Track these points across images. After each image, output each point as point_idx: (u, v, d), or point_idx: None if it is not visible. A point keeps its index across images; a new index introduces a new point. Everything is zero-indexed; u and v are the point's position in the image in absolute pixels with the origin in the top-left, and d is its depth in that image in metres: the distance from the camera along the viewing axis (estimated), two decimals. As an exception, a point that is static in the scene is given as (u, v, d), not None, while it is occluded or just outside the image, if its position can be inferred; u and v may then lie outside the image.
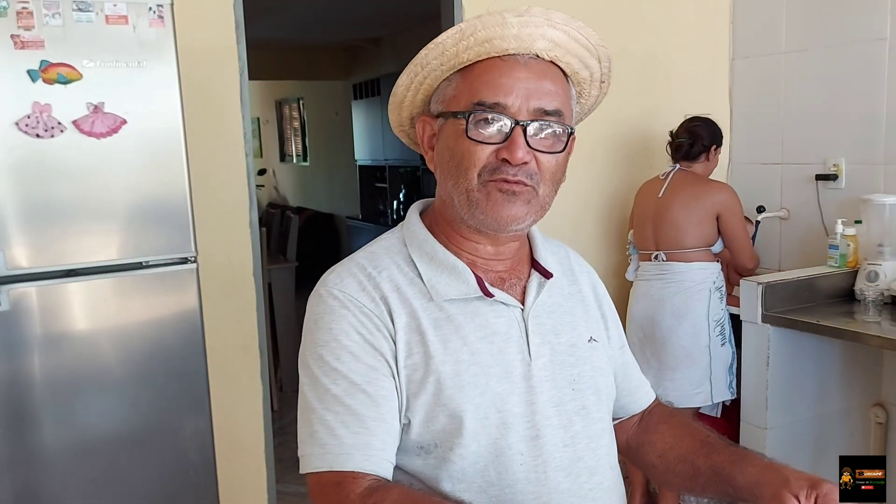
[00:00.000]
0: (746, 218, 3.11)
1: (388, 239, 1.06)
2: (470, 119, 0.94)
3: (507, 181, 0.94)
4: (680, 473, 1.09)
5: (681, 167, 2.90)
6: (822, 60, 3.08)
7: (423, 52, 0.98)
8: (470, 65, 0.96)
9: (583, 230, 3.19)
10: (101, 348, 2.00)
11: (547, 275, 1.05)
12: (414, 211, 1.08)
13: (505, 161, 0.93)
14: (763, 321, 2.61)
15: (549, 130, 0.96)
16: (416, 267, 1.01)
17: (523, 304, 1.02)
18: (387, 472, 0.93)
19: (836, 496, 0.91)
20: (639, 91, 3.23)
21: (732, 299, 2.85)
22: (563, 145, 0.97)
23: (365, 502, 0.87)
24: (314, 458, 0.92)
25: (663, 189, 2.88)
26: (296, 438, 0.97)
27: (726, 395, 2.86)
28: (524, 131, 0.94)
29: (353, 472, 0.90)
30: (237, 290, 2.65)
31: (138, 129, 1.95)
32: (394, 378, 0.95)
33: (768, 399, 2.62)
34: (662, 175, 2.93)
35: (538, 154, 0.95)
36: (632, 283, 3.01)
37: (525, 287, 1.04)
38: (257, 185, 4.02)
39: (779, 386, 2.64)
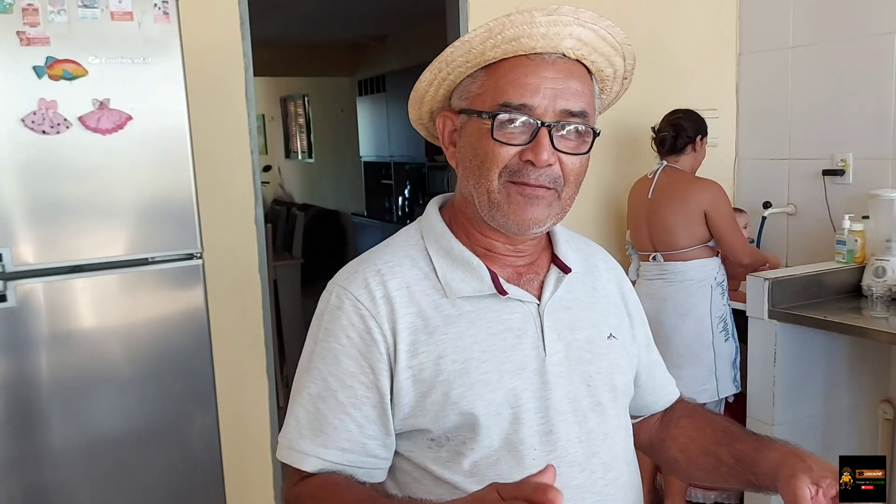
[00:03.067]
0: (739, 209, 3.09)
1: (407, 232, 1.06)
2: (495, 120, 0.93)
3: (527, 184, 0.93)
4: (703, 466, 1.09)
5: (668, 164, 2.88)
6: (830, 55, 3.06)
7: (449, 49, 0.96)
8: (495, 62, 0.95)
9: (588, 229, 3.18)
10: (107, 344, 2.00)
11: (566, 269, 1.04)
12: (433, 205, 1.07)
13: (528, 163, 0.93)
14: (770, 317, 2.60)
15: (574, 132, 0.95)
16: (431, 261, 1.00)
17: (540, 298, 1.02)
18: (332, 468, 0.97)
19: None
20: (645, 87, 3.19)
21: (739, 294, 2.85)
22: (587, 146, 0.96)
23: (290, 490, 0.97)
24: (282, 449, 0.99)
25: (651, 189, 2.86)
26: None
27: (731, 390, 2.86)
28: (549, 133, 0.92)
29: (301, 471, 0.97)
30: (243, 287, 2.65)
31: (144, 125, 1.95)
32: (375, 385, 0.96)
33: (775, 395, 2.61)
34: (650, 174, 2.91)
35: (562, 156, 0.94)
36: (634, 281, 3.01)
37: (543, 282, 1.03)
38: (262, 182, 4.00)
39: (786, 382, 2.63)
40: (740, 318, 2.80)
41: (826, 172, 3.07)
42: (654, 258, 2.88)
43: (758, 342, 2.66)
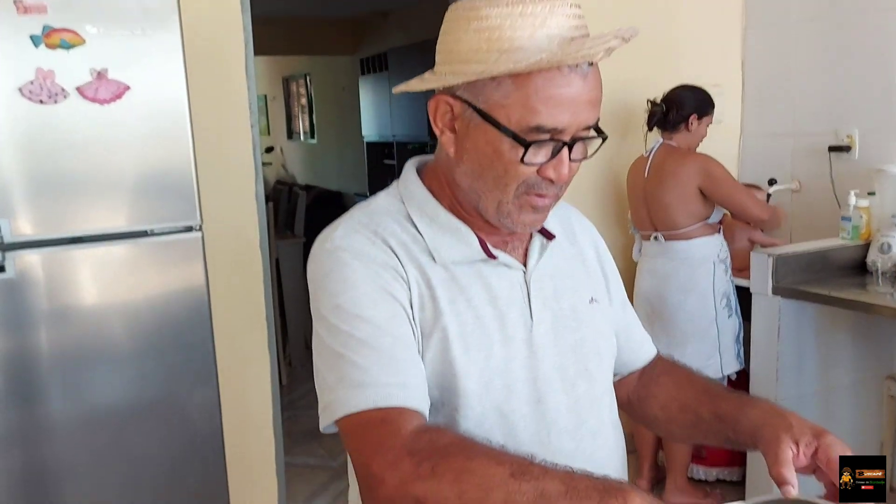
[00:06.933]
0: (754, 185, 3.08)
1: (385, 199, 1.03)
2: (529, 147, 0.89)
3: (540, 196, 0.93)
4: (682, 423, 1.10)
5: (664, 142, 2.84)
6: (836, 29, 3.03)
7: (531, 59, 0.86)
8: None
9: (588, 209, 3.16)
10: (106, 316, 1.99)
11: (549, 236, 1.04)
12: (411, 169, 1.04)
13: (546, 178, 0.92)
14: (774, 293, 2.59)
15: (588, 142, 0.94)
16: (416, 227, 0.98)
17: (525, 266, 1.01)
18: (426, 412, 0.90)
19: (839, 448, 0.89)
20: (649, 62, 3.17)
21: (744, 271, 2.83)
22: (592, 150, 0.95)
23: (419, 439, 0.84)
24: (351, 399, 0.87)
25: (647, 169, 2.83)
26: (305, 412, 0.96)
27: (735, 366, 2.85)
28: (570, 148, 0.91)
29: (399, 407, 0.87)
30: (244, 263, 2.64)
31: (142, 96, 1.94)
32: (412, 325, 0.93)
33: (779, 371, 2.61)
34: (647, 153, 2.88)
35: (572, 164, 0.93)
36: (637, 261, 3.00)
37: (527, 249, 1.03)
38: (265, 163, 3.98)
39: (789, 359, 2.63)
40: (744, 295, 2.79)
41: (832, 149, 3.04)
42: (655, 238, 2.86)
43: (762, 318, 2.65)
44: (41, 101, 1.83)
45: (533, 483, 0.78)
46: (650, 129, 2.86)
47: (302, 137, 8.81)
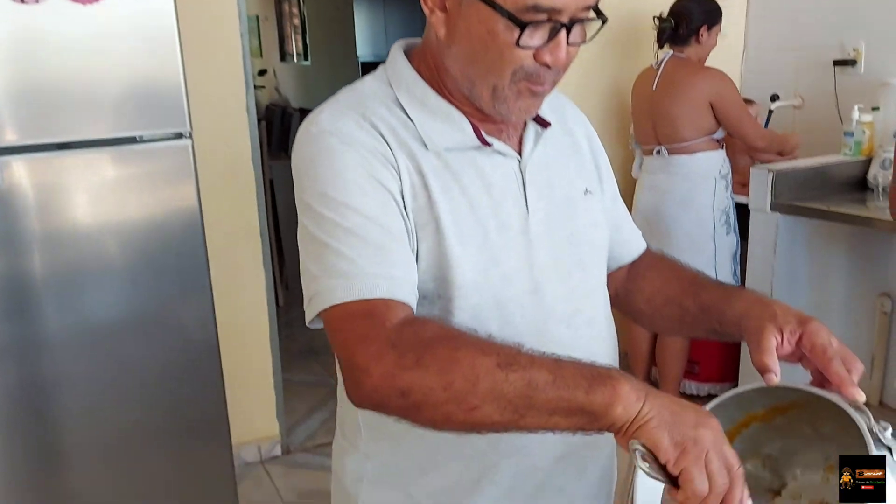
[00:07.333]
0: (749, 100, 3.02)
1: (372, 82, 0.97)
2: (525, 28, 0.83)
3: (536, 84, 0.88)
4: (667, 316, 1.08)
5: (673, 54, 2.78)
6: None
7: None
8: None
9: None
10: (97, 225, 1.96)
11: (544, 124, 1.00)
12: (398, 51, 0.99)
13: (544, 64, 0.87)
14: (772, 209, 2.57)
15: (587, 25, 0.88)
16: (405, 111, 0.94)
17: (520, 154, 0.98)
18: (413, 304, 0.87)
19: (824, 334, 0.87)
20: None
21: (742, 188, 2.81)
22: (590, 33, 0.90)
23: (402, 331, 0.81)
24: (336, 289, 0.84)
25: (656, 81, 2.78)
26: (302, 332, 0.91)
27: (730, 283, 2.86)
28: (568, 31, 0.86)
29: (385, 299, 0.84)
30: (236, 176, 2.61)
31: (126, -3, 1.86)
32: (403, 217, 0.90)
33: (773, 286, 2.61)
34: (655, 65, 2.82)
35: (570, 49, 0.88)
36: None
37: (522, 137, 0.99)
38: (258, 87, 3.89)
39: (785, 274, 2.63)
40: (743, 213, 2.77)
41: (837, 63, 2.97)
42: (658, 152, 2.82)
43: (759, 234, 2.64)
44: (22, 1, 1.76)
45: (520, 373, 0.76)
46: (661, 46, 2.79)
47: (295, 59, 8.63)
